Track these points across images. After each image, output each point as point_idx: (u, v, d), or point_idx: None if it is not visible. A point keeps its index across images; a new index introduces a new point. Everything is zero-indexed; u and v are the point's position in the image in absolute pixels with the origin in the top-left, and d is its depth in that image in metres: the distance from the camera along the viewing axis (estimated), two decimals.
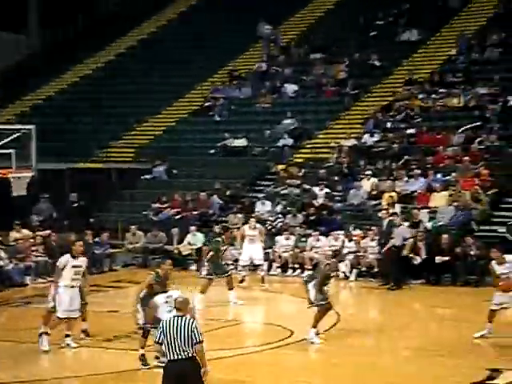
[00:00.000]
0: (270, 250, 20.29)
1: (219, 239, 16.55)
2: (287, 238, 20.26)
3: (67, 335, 12.76)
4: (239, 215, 21.76)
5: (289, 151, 24.96)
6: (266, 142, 25.70)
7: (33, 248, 19.97)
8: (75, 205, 23.52)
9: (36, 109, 31.21)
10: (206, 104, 28.46)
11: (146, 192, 24.88)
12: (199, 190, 23.35)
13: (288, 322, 14.41)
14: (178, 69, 30.81)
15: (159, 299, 11.14)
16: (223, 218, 22.28)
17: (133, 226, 21.77)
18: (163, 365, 8.65)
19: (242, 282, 18.05)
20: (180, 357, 8.26)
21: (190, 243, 21.17)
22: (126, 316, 12.92)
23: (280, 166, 24.14)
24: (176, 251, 21.23)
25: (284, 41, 30.72)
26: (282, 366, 11.97)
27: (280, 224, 21.27)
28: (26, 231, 20.44)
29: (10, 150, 16.10)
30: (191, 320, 8.48)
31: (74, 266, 12.74)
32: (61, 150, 26.97)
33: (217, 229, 20.73)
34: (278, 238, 20.51)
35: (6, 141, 16.13)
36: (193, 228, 21.28)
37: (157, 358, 10.94)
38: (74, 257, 12.80)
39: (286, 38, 31.01)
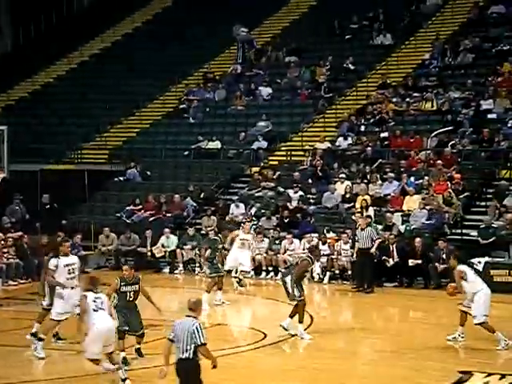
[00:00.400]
0: None
1: (216, 238, 16.76)
2: (261, 241, 20.25)
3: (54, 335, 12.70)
4: (213, 217, 21.73)
5: (263, 154, 24.98)
6: (241, 145, 25.70)
7: (4, 250, 19.77)
8: (47, 206, 23.31)
9: (8, 109, 30.92)
10: (181, 106, 28.39)
11: (120, 194, 24.76)
12: (173, 192, 23.29)
13: (261, 325, 14.41)
14: (153, 70, 30.69)
15: (89, 297, 10.82)
16: (197, 221, 22.25)
17: (106, 228, 21.64)
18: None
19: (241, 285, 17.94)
20: (180, 356, 8.51)
21: (163, 245, 21.10)
22: None
23: (254, 169, 24.15)
24: (149, 253, 21.15)
25: (259, 43, 30.74)
26: (256, 369, 11.95)
27: (254, 227, 21.26)
28: None
29: None
30: (195, 322, 8.62)
31: (66, 265, 12.44)
32: (33, 152, 26.74)
33: (190, 231, 20.72)
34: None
35: None
36: (166, 230, 21.21)
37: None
38: (65, 255, 12.50)
39: (260, 41, 31.04)
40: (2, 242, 19.90)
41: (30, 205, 23.19)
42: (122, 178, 25.29)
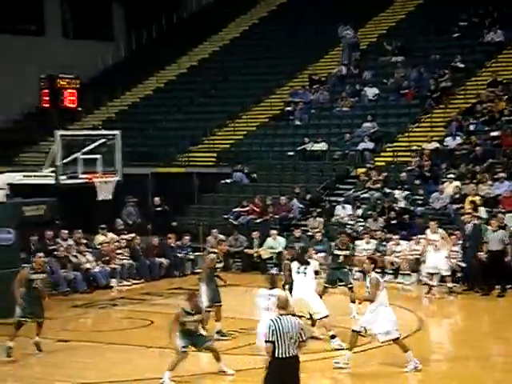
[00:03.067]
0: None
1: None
2: (368, 242, 20.14)
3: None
4: (319, 219, 21.77)
5: (369, 155, 24.80)
6: (346, 146, 25.61)
7: (118, 251, 20.47)
8: (158, 209, 23.97)
9: (121, 114, 31.97)
10: (286, 108, 28.57)
11: (227, 196, 25.14)
12: (279, 193, 23.46)
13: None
14: (258, 73, 31.02)
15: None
16: (303, 222, 22.33)
17: (214, 230, 22.02)
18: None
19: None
20: (289, 355, 8.69)
21: (270, 247, 21.28)
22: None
23: (360, 170, 24.01)
24: (256, 255, 21.39)
25: (365, 44, 30.54)
26: (362, 371, 11.88)
27: (360, 228, 21.18)
28: (111, 235, 20.96)
29: (97, 156, 16.53)
30: (298, 320, 8.93)
31: None
32: (144, 155, 27.54)
33: (296, 233, 20.78)
34: (358, 242, 20.40)
35: (92, 146, 16.54)
36: (273, 232, 21.38)
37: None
38: None
39: (366, 41, 30.83)
40: (116, 244, 20.62)
41: (141, 207, 23.92)
42: (229, 181, 25.67)
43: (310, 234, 21.12)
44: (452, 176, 21.53)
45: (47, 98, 16.78)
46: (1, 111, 30.96)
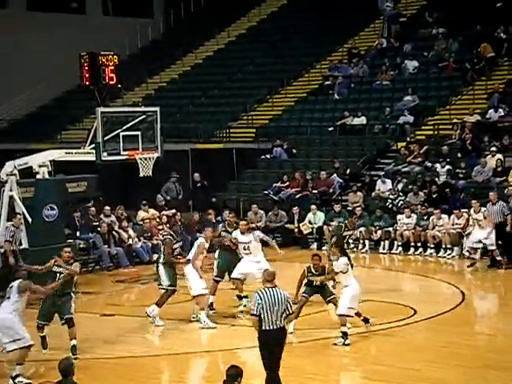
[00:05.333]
0: (391, 229, 20.15)
1: (342, 224, 16.30)
2: (408, 217, 20.03)
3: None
4: (359, 193, 21.70)
5: (410, 128, 24.57)
6: (386, 120, 25.40)
7: (159, 227, 20.64)
8: (198, 185, 24.08)
9: (160, 91, 32.09)
10: (326, 83, 28.39)
11: (266, 172, 25.15)
12: (319, 169, 23.40)
13: (411, 301, 14.31)
14: (297, 48, 30.84)
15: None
16: (343, 197, 22.28)
17: (254, 205, 22.07)
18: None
19: None
20: (276, 326, 8.84)
21: (310, 222, 21.29)
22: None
23: (401, 144, 23.82)
24: (297, 230, 21.42)
25: (405, 16, 30.13)
26: (406, 345, 11.92)
27: (401, 202, 21.06)
28: (152, 211, 21.15)
29: (137, 132, 16.65)
30: (284, 292, 9.06)
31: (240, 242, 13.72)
32: (184, 132, 27.65)
33: (336, 207, 20.74)
34: (399, 216, 20.31)
35: (133, 123, 16.64)
36: (313, 207, 21.37)
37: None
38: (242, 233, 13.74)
39: (407, 13, 30.41)
40: (157, 220, 20.80)
41: (181, 183, 24.07)
42: (268, 156, 25.67)
43: (349, 208, 21.08)
44: (494, 149, 21.25)
45: (88, 76, 16.88)
46: (43, 89, 31.29)
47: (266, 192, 23.49)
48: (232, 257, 14.19)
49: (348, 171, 23.40)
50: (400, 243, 19.95)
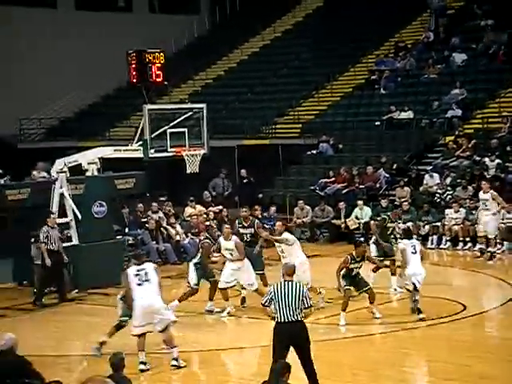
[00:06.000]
0: (439, 224, 19.95)
1: (385, 216, 16.17)
2: (457, 211, 19.82)
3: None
4: (406, 188, 21.53)
5: (458, 122, 24.28)
6: (434, 114, 25.13)
7: (206, 223, 20.75)
8: (245, 180, 24.14)
9: (207, 87, 32.25)
10: (372, 77, 28.21)
11: (313, 167, 25.11)
12: (365, 163, 23.28)
13: (460, 297, 14.16)
14: (344, 42, 30.69)
15: (130, 271, 11.15)
16: (390, 192, 22.13)
17: (300, 201, 22.06)
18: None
19: None
20: (291, 319, 8.89)
21: (357, 217, 21.19)
22: None
23: (449, 138, 23.55)
24: (343, 225, 21.35)
25: (453, 8, 29.74)
26: (455, 341, 11.81)
27: (449, 197, 20.84)
28: (199, 207, 21.29)
29: (184, 129, 16.77)
30: (301, 286, 9.16)
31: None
32: (230, 128, 27.76)
33: (383, 202, 20.60)
34: (447, 211, 20.11)
35: (179, 120, 16.79)
36: (360, 202, 21.27)
37: None
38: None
39: (455, 5, 30.02)
40: (204, 216, 20.93)
41: (227, 179, 24.16)
42: (314, 152, 25.62)
43: (396, 203, 20.92)
44: None
45: (135, 73, 17.05)
46: (91, 87, 31.72)
47: (313, 187, 23.45)
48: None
49: (395, 166, 23.22)
50: (448, 238, 19.75)
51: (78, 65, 31.53)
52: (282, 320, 8.92)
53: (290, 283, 9.07)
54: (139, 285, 10.94)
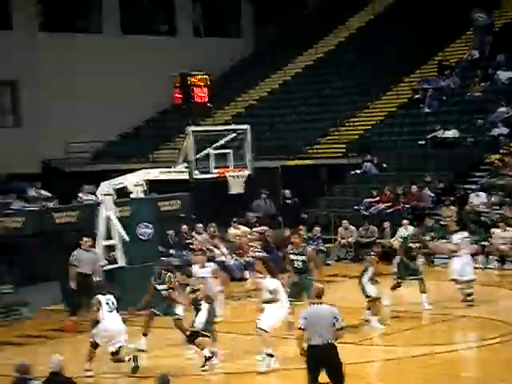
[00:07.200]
0: (486, 243, 19.70)
1: (408, 235, 16.16)
2: (504, 230, 19.54)
3: None
4: (452, 207, 21.31)
5: (504, 140, 24.00)
6: (479, 132, 24.89)
7: (250, 244, 20.82)
8: (289, 201, 24.16)
9: (250, 109, 32.43)
10: (415, 96, 28.07)
11: (357, 187, 25.03)
12: (410, 183, 23.12)
13: (508, 317, 13.93)
14: (387, 61, 30.60)
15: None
16: (436, 211, 21.92)
17: (344, 221, 21.98)
18: None
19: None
20: (320, 342, 8.94)
21: (401, 237, 20.99)
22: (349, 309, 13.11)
23: (494, 156, 23.29)
24: (389, 245, 21.18)
25: (499, 26, 29.47)
26: (501, 361, 11.60)
27: (496, 216, 20.57)
28: (243, 228, 21.35)
29: (228, 150, 16.88)
30: (331, 308, 9.16)
31: None
32: (273, 149, 27.84)
33: (428, 222, 20.40)
34: (494, 230, 19.84)
35: (223, 141, 16.92)
36: (405, 221, 21.08)
37: None
38: None
39: (500, 23, 29.74)
40: (249, 236, 20.98)
41: (271, 200, 24.20)
42: (358, 171, 25.54)
43: (442, 223, 20.72)
44: None
45: (179, 96, 17.29)
46: (135, 110, 32.13)
47: (357, 207, 23.36)
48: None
49: (440, 185, 23.02)
50: (496, 257, 19.47)
51: (122, 88, 31.94)
52: (315, 343, 8.99)
53: (319, 306, 9.15)
54: (110, 311, 11.83)
